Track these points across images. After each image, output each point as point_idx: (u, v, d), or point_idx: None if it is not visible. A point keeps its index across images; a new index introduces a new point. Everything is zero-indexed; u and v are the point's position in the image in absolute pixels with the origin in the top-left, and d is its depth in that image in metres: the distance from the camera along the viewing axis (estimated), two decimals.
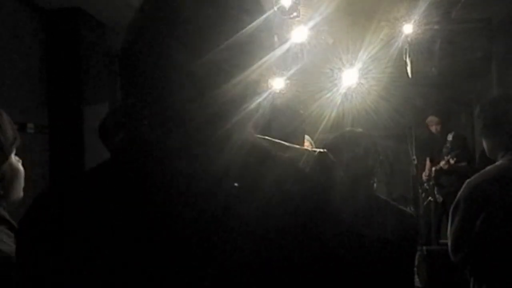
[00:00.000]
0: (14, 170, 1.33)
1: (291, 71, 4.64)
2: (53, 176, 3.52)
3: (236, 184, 0.72)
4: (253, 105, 0.74)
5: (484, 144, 2.01)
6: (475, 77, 5.05)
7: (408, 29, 4.48)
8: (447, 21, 4.49)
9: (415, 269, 2.22)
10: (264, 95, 0.76)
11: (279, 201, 0.74)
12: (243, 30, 0.74)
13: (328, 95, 4.83)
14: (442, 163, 4.88)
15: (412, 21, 4.42)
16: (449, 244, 1.94)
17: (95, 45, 4.18)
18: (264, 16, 0.75)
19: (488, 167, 1.93)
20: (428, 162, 5.19)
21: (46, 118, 3.94)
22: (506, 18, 4.60)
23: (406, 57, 4.72)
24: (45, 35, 3.98)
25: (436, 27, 4.48)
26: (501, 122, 1.90)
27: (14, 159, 1.34)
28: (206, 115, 0.71)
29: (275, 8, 3.79)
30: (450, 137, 4.86)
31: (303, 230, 0.74)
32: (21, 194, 1.36)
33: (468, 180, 1.94)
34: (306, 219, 0.74)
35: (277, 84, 4.80)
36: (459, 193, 1.93)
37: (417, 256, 2.11)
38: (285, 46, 4.34)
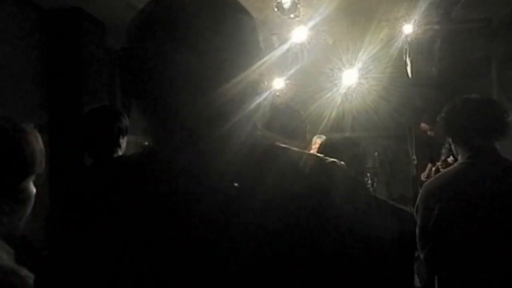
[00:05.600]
0: (30, 193, 1.26)
1: (291, 71, 4.64)
2: (53, 176, 3.51)
3: (236, 184, 0.73)
4: (253, 105, 0.74)
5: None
6: (475, 77, 5.04)
7: (408, 29, 4.48)
8: (447, 21, 4.48)
9: (415, 269, 2.28)
10: (264, 95, 0.76)
11: (279, 201, 0.74)
12: (243, 30, 0.74)
13: (328, 95, 4.82)
14: (438, 164, 4.86)
15: (412, 21, 4.41)
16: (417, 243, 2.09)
17: (95, 45, 4.17)
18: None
19: (444, 170, 2.15)
20: (429, 164, 5.17)
21: (46, 118, 3.93)
22: (506, 18, 4.59)
23: (406, 57, 4.71)
24: (45, 35, 3.97)
25: (436, 27, 4.47)
26: (457, 127, 2.08)
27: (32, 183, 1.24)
28: (206, 115, 0.71)
29: (275, 8, 3.79)
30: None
31: (302, 230, 0.74)
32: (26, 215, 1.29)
33: (425, 183, 2.14)
34: (305, 219, 0.74)
35: (277, 84, 4.80)
36: (419, 196, 2.12)
37: (417, 256, 2.15)
38: (285, 46, 4.35)
